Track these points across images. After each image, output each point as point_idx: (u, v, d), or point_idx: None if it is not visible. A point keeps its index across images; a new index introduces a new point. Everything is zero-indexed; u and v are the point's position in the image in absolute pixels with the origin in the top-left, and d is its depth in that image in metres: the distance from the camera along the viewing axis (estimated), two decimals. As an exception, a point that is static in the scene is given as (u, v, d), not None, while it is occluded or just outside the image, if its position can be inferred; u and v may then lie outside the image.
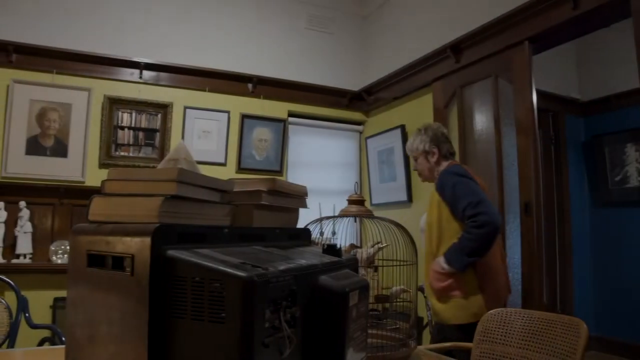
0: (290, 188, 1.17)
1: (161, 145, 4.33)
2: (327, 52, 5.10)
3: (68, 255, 0.90)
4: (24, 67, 4.02)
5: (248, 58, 4.70)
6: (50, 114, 4.03)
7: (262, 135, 4.68)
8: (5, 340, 2.46)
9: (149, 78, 4.37)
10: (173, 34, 4.46)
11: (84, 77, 4.17)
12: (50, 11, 4.10)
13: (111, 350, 0.86)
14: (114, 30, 4.27)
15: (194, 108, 4.47)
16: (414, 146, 2.83)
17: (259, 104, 4.71)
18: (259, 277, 0.77)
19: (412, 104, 4.51)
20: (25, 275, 3.68)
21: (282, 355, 0.86)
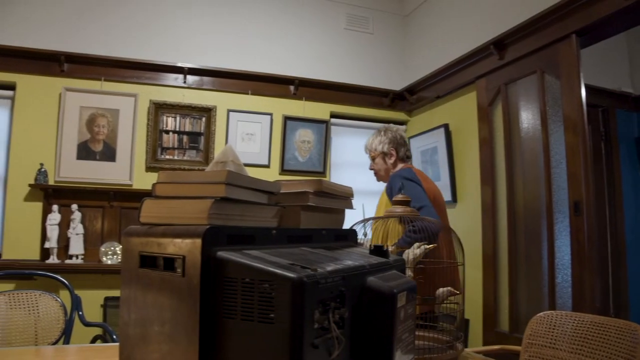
0: (336, 189, 1.17)
1: (205, 148, 4.41)
2: (367, 52, 5.08)
3: (121, 256, 0.93)
4: (75, 76, 4.18)
5: (289, 60, 4.73)
6: (99, 119, 4.16)
7: (304, 136, 4.70)
8: (61, 336, 2.55)
9: (193, 82, 4.45)
10: (215, 38, 4.54)
11: (130, 83, 4.29)
12: (98, 22, 4.24)
13: (163, 350, 0.87)
14: (158, 37, 4.37)
15: (237, 111, 4.53)
16: (372, 146, 2.93)
17: (301, 105, 4.73)
18: (308, 278, 0.76)
19: (455, 103, 4.44)
20: (77, 275, 3.81)
21: (330, 356, 0.86)
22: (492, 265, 3.79)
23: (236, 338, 0.79)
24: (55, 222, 3.94)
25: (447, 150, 4.36)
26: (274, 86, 4.66)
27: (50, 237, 3.91)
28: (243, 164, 1.06)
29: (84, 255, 4.01)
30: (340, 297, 0.87)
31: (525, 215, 3.54)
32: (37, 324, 2.55)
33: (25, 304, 2.57)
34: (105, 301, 3.98)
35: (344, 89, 4.90)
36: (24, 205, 4.03)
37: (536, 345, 1.86)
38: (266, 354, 0.77)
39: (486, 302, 3.84)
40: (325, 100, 4.85)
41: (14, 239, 4.00)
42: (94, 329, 3.31)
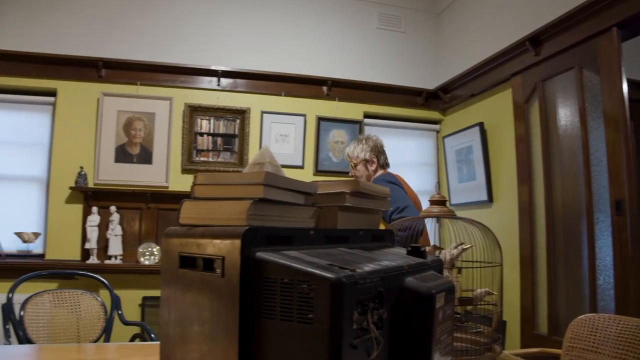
0: (373, 189, 1.16)
1: (240, 150, 4.45)
2: (400, 51, 5.05)
3: (161, 256, 0.94)
4: (112, 81, 4.28)
5: (322, 61, 4.74)
6: (136, 123, 4.25)
7: (338, 137, 4.70)
8: (101, 334, 2.61)
9: (227, 85, 4.51)
10: (248, 41, 4.58)
11: (165, 87, 4.37)
12: (133, 28, 4.34)
13: (203, 349, 0.88)
14: (192, 41, 4.44)
15: (270, 112, 4.56)
16: (354, 154, 3.06)
17: (334, 106, 4.73)
18: (347, 278, 0.76)
19: (490, 101, 4.37)
20: (116, 275, 3.90)
21: (369, 357, 0.85)
22: (530, 266, 3.71)
23: (275, 338, 0.80)
24: (95, 224, 4.04)
25: (482, 149, 4.29)
26: (307, 87, 4.67)
27: (90, 238, 4.01)
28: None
29: (122, 255, 4.10)
30: (379, 297, 0.86)
31: (564, 214, 3.46)
32: (79, 321, 2.63)
33: (68, 302, 2.65)
34: (143, 301, 4.06)
35: (377, 89, 4.88)
36: (65, 207, 4.15)
37: (578, 349, 1.81)
38: (305, 354, 0.77)
39: (524, 303, 3.77)
40: (359, 101, 4.84)
41: (57, 240, 4.12)
42: (132, 328, 3.37)
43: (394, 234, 2.33)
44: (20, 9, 4.18)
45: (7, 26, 4.15)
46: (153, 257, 4.13)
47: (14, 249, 4.13)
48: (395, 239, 2.36)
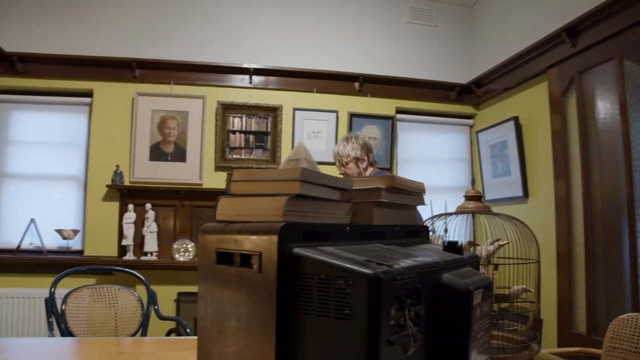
0: (408, 185, 1.15)
1: (272, 147, 4.48)
2: (432, 45, 4.98)
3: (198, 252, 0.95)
4: (146, 81, 4.36)
5: (353, 57, 4.72)
6: (170, 122, 4.31)
7: (370, 133, 4.67)
8: (139, 329, 2.67)
9: (259, 83, 4.53)
10: (279, 38, 4.59)
11: (198, 85, 4.43)
12: (166, 28, 4.41)
13: (240, 344, 0.89)
14: (223, 40, 4.48)
15: (302, 109, 4.57)
16: (345, 152, 3.04)
17: (366, 102, 4.71)
18: (384, 274, 0.76)
19: (525, 94, 4.28)
20: (152, 271, 3.97)
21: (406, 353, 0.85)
22: (567, 263, 3.63)
23: (312, 334, 0.80)
24: (131, 221, 4.12)
25: (517, 144, 4.21)
26: (338, 83, 4.66)
27: (126, 235, 4.09)
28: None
29: (157, 252, 4.18)
30: (416, 293, 0.86)
31: (604, 210, 3.37)
32: (117, 316, 2.69)
33: (106, 297, 2.71)
34: (178, 296, 4.13)
35: (409, 84, 4.84)
36: (102, 205, 4.25)
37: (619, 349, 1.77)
38: (342, 350, 0.77)
39: (561, 301, 3.68)
40: (391, 96, 4.80)
41: (94, 237, 4.22)
42: (168, 323, 3.44)
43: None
44: (57, 14, 4.29)
45: (45, 30, 4.27)
46: (188, 253, 4.19)
47: (55, 245, 4.25)
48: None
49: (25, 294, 3.97)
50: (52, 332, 2.46)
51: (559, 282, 3.71)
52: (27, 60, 4.26)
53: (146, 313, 2.72)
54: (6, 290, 3.99)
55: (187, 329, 2.87)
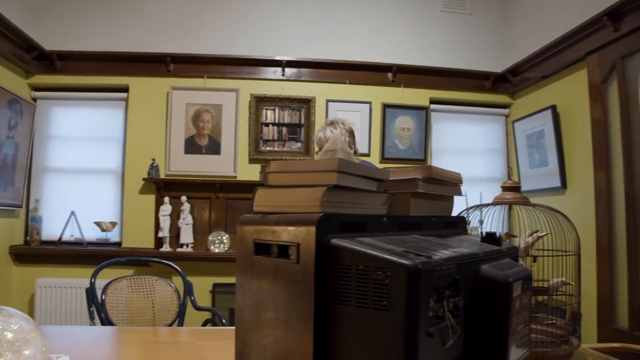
0: (445, 175, 1.14)
1: (306, 139, 4.48)
2: (466, 33, 4.89)
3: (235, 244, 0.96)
4: (180, 75, 4.42)
5: (386, 47, 4.68)
6: (204, 115, 4.36)
7: (404, 124, 4.63)
8: (175, 319, 2.72)
9: (291, 75, 4.54)
10: (311, 29, 4.59)
11: (231, 78, 4.47)
12: (198, 22, 4.45)
13: (277, 334, 0.89)
14: (256, 32, 4.50)
15: (335, 101, 4.56)
16: (331, 139, 2.75)
17: (399, 92, 4.67)
18: (423, 265, 0.75)
19: (563, 82, 4.17)
20: (188, 263, 4.04)
21: (445, 345, 0.84)
22: (608, 255, 3.53)
23: (350, 325, 0.80)
24: (167, 213, 4.20)
25: (555, 134, 4.11)
26: (371, 74, 4.63)
27: (162, 227, 4.17)
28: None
29: (193, 244, 4.24)
30: (455, 285, 0.85)
31: (647, 201, 3.26)
32: (154, 306, 2.74)
33: (144, 288, 2.77)
34: (213, 287, 4.19)
35: (443, 74, 4.77)
36: (139, 198, 4.34)
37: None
38: (381, 341, 0.77)
39: (601, 295, 3.59)
40: (424, 86, 4.75)
41: (132, 229, 4.32)
42: (204, 313, 3.50)
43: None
44: (93, 12, 4.39)
45: (83, 29, 4.37)
46: (223, 245, 4.24)
47: (94, 237, 4.37)
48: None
49: (67, 284, 4.10)
50: (93, 321, 2.53)
51: (599, 275, 3.62)
52: (66, 58, 4.38)
53: (182, 303, 2.76)
54: (49, 280, 4.13)
55: (222, 320, 2.91)
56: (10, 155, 3.96)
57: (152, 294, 2.79)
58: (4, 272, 4.12)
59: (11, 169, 3.99)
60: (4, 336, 1.03)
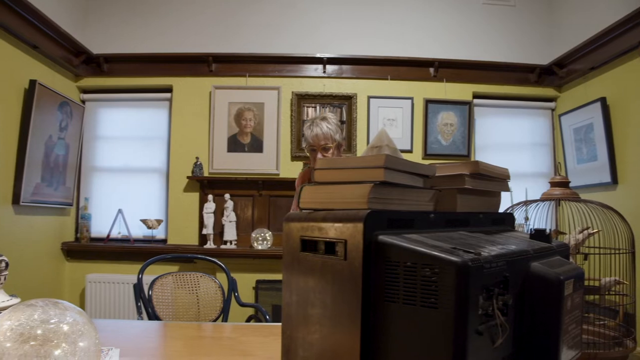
0: (493, 170, 1.11)
1: (347, 136, 4.47)
2: (509, 26, 4.77)
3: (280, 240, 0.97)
4: (222, 74, 4.49)
5: (427, 42, 4.62)
6: (246, 113, 4.41)
7: (447, 119, 4.57)
8: (220, 315, 2.76)
9: (332, 72, 4.54)
10: (352, 26, 4.57)
11: (273, 77, 4.50)
12: (239, 22, 4.51)
13: (324, 331, 0.89)
14: (296, 30, 4.51)
15: (377, 97, 4.53)
16: (329, 134, 2.50)
17: (442, 87, 4.60)
18: (472, 262, 0.74)
19: (614, 73, 4.01)
20: (231, 259, 4.09)
21: (494, 344, 0.83)
22: (663, 252, 3.39)
23: (398, 322, 0.79)
24: (211, 211, 4.26)
25: (604, 127, 3.96)
26: (413, 69, 4.58)
27: (207, 225, 4.24)
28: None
29: (236, 241, 4.30)
30: (504, 282, 0.83)
31: None
32: (199, 302, 2.79)
33: (189, 284, 2.82)
34: (256, 284, 4.23)
35: (486, 68, 4.67)
36: (183, 196, 4.43)
37: None
38: (429, 339, 0.76)
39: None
40: (467, 81, 4.66)
41: (177, 227, 4.41)
42: (247, 310, 3.53)
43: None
44: (137, 16, 4.50)
45: (128, 32, 4.49)
46: (266, 242, 4.28)
47: (140, 234, 4.48)
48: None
49: (115, 279, 4.22)
50: (141, 316, 2.60)
51: (653, 273, 3.48)
52: (112, 60, 4.51)
53: (227, 300, 2.80)
54: (99, 276, 4.26)
55: (266, 316, 2.93)
56: (61, 155, 4.11)
57: (197, 290, 2.84)
58: (57, 267, 4.28)
59: (62, 169, 4.14)
60: (60, 328, 1.07)
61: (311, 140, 2.52)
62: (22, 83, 3.66)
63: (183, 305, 2.77)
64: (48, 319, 1.07)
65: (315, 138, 2.51)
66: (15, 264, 1.47)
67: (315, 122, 2.55)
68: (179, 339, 1.86)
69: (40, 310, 1.08)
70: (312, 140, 2.51)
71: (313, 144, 2.52)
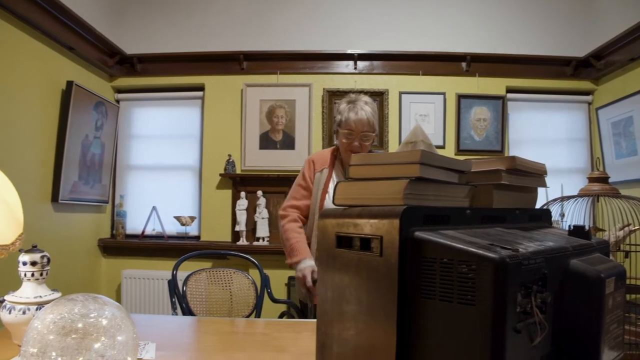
0: (530, 166, 1.10)
1: (380, 132, 4.45)
2: (544, 17, 4.65)
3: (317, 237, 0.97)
4: (253, 72, 4.52)
5: (459, 36, 4.55)
6: (278, 110, 4.43)
7: (480, 114, 4.50)
8: (252, 311, 2.78)
9: (363, 68, 4.52)
10: (382, 21, 4.54)
11: (304, 74, 4.50)
12: (270, 19, 4.53)
13: (360, 327, 0.90)
14: (327, 27, 4.51)
15: (409, 93, 4.49)
16: (373, 122, 2.28)
17: (474, 82, 4.53)
18: (510, 258, 0.73)
19: (655, 64, 3.88)
20: (264, 256, 4.12)
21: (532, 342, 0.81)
22: None
23: (434, 319, 0.79)
24: (244, 208, 4.30)
25: (647, 120, 3.85)
26: (445, 64, 4.52)
27: (239, 221, 4.28)
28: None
29: (269, 237, 4.33)
30: (543, 280, 0.82)
31: None
32: (232, 298, 2.82)
33: (222, 280, 2.86)
34: (289, 280, 4.25)
35: (520, 61, 4.57)
36: (216, 193, 4.48)
37: None
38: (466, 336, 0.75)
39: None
40: (500, 75, 4.57)
41: (210, 223, 4.47)
42: (280, 306, 3.56)
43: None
44: (169, 16, 4.56)
45: (160, 32, 4.56)
46: (296, 239, 4.29)
47: (174, 231, 4.56)
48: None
49: (150, 275, 4.30)
50: (175, 311, 2.64)
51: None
52: (145, 60, 4.58)
53: (260, 296, 2.82)
54: (134, 272, 4.35)
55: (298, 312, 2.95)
56: (97, 154, 4.20)
57: (230, 286, 2.87)
58: (94, 263, 4.39)
59: (98, 167, 4.24)
60: (100, 322, 1.10)
61: (353, 125, 2.25)
62: (60, 84, 3.76)
63: (216, 301, 2.81)
64: (88, 313, 1.10)
65: (359, 123, 2.25)
66: (54, 260, 1.51)
67: (357, 104, 2.29)
68: (213, 334, 1.89)
69: (80, 304, 1.11)
70: (355, 125, 2.25)
71: (355, 129, 2.26)
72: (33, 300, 1.39)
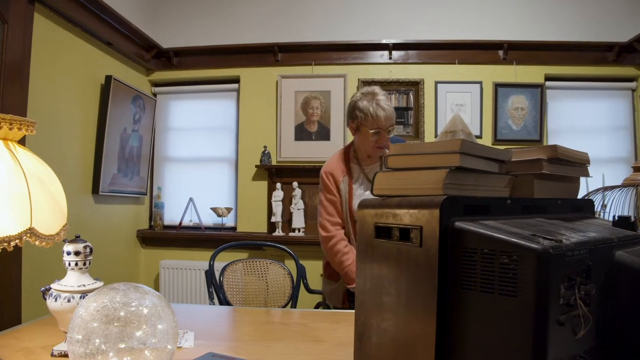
0: (572, 155, 1.07)
1: (415, 122, 4.41)
2: (584, 2, 4.51)
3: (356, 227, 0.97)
4: (288, 64, 4.53)
5: (495, 23, 4.45)
6: (313, 102, 4.44)
7: (517, 103, 4.40)
8: (288, 301, 2.81)
9: (398, 58, 4.48)
10: (416, 10, 4.47)
11: (339, 64, 4.49)
12: (303, 10, 4.52)
13: (399, 318, 0.89)
14: (361, 17, 4.48)
15: (445, 82, 4.42)
16: (393, 114, 2.32)
17: (512, 70, 4.43)
18: (553, 249, 0.72)
19: (702, 50, 3.72)
20: (300, 247, 4.14)
21: (576, 335, 0.80)
22: None
23: (474, 310, 0.78)
24: (279, 199, 4.34)
25: (692, 107, 3.70)
26: (481, 53, 4.43)
27: (275, 212, 4.32)
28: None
29: (304, 228, 4.35)
30: (587, 271, 0.80)
31: None
32: (268, 288, 2.85)
33: (257, 270, 2.89)
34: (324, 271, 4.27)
35: (559, 48, 4.44)
36: (252, 184, 4.52)
37: None
38: (507, 328, 0.74)
39: None
40: (539, 62, 4.45)
41: (246, 214, 4.51)
42: (315, 296, 3.58)
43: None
44: (204, 9, 4.61)
45: (195, 25, 4.61)
46: (332, 229, 4.30)
47: (211, 222, 4.63)
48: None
49: (187, 266, 4.38)
50: (212, 301, 2.69)
51: None
52: (181, 54, 4.65)
53: (295, 286, 2.85)
54: (172, 262, 4.44)
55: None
56: (135, 147, 4.29)
57: (266, 276, 2.90)
58: (133, 253, 4.49)
59: (136, 160, 4.33)
60: (140, 311, 1.12)
61: (384, 122, 2.28)
62: (99, 79, 3.85)
63: (253, 291, 2.85)
64: (129, 302, 1.13)
65: (388, 120, 2.30)
66: (96, 250, 1.56)
67: (378, 100, 2.32)
68: (250, 324, 1.92)
69: (122, 293, 1.14)
70: (385, 122, 2.28)
71: (385, 125, 2.30)
72: (77, 288, 1.43)
